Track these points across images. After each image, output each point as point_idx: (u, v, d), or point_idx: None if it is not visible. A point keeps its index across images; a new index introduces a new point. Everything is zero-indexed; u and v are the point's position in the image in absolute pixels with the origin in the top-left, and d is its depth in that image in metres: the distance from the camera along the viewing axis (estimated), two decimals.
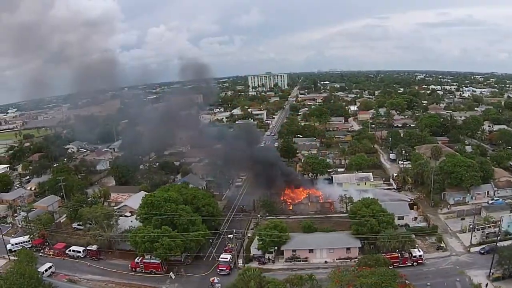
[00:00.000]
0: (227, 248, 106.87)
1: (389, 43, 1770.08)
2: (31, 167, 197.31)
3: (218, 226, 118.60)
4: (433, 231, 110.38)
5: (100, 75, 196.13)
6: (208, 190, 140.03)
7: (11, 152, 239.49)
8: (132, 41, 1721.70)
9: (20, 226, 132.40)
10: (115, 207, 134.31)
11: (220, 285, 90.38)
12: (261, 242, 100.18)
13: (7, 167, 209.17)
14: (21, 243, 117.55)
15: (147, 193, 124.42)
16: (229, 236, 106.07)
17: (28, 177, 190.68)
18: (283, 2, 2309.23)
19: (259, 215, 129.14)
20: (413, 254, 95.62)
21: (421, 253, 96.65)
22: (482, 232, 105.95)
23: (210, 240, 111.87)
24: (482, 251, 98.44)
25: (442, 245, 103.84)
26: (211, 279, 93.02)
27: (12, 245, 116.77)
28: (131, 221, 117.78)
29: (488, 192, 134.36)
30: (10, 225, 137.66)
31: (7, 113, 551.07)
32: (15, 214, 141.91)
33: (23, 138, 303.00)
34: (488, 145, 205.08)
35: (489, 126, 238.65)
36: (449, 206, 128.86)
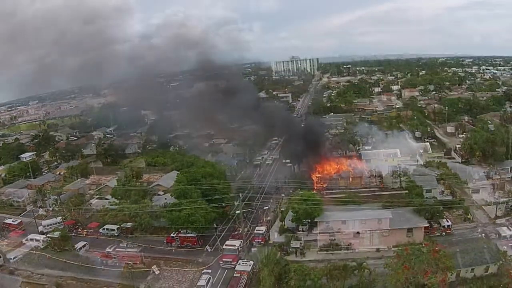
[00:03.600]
0: (261, 220, 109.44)
1: (411, 28, 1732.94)
2: (57, 154, 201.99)
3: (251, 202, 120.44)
4: (460, 202, 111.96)
5: (115, 65, 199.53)
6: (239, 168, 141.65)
7: (35, 141, 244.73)
8: (151, 31, 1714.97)
9: (50, 209, 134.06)
10: (148, 187, 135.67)
11: None
12: (295, 214, 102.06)
13: (33, 154, 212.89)
14: (53, 224, 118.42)
15: (178, 172, 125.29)
16: (264, 208, 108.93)
17: (56, 163, 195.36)
18: None
19: (290, 191, 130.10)
20: (442, 224, 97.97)
21: (449, 223, 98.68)
22: (506, 204, 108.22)
23: (244, 215, 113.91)
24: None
25: (468, 216, 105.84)
26: None
27: (44, 226, 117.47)
28: (165, 199, 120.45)
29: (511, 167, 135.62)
30: (40, 209, 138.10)
31: (28, 105, 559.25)
32: (45, 198, 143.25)
33: (47, 127, 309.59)
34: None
35: (510, 106, 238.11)
36: (474, 180, 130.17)
